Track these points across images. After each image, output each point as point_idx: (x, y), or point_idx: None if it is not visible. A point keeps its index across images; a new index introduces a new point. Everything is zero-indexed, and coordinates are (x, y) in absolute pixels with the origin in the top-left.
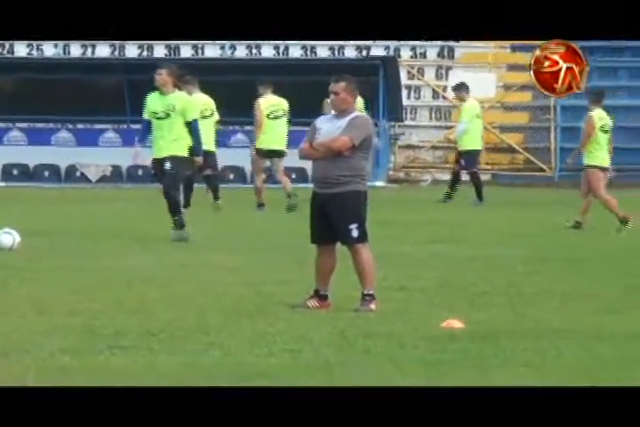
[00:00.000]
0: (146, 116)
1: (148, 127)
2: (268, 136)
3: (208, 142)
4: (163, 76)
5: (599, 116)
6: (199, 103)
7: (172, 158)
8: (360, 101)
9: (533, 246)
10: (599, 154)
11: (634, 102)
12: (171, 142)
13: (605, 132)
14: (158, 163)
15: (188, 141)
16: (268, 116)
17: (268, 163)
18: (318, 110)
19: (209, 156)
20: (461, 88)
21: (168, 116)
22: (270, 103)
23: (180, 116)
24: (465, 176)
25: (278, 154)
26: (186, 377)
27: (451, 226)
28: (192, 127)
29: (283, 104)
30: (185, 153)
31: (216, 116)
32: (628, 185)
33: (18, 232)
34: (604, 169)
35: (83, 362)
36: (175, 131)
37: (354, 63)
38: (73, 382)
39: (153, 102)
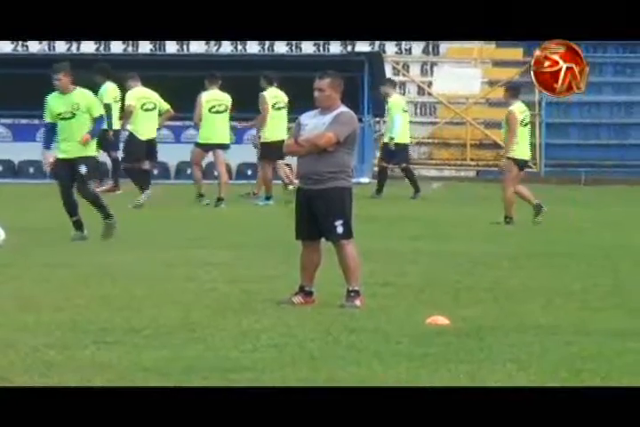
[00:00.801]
0: (48, 119)
1: (52, 130)
2: (207, 130)
3: (150, 133)
4: (62, 80)
5: (520, 110)
6: (138, 96)
7: (86, 160)
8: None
9: (519, 243)
10: (518, 147)
11: (618, 98)
12: (80, 142)
13: (525, 125)
14: (68, 163)
15: (94, 140)
16: (209, 110)
17: (208, 156)
18: (302, 105)
19: (151, 146)
20: (387, 84)
21: (74, 115)
22: (212, 97)
23: (86, 113)
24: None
25: (221, 147)
26: (168, 371)
27: (436, 222)
28: (96, 121)
29: (226, 99)
30: (95, 152)
31: (165, 106)
32: (611, 181)
33: (3, 229)
34: (523, 163)
35: (68, 356)
36: (83, 130)
37: (339, 59)
38: (57, 376)
39: (55, 103)
